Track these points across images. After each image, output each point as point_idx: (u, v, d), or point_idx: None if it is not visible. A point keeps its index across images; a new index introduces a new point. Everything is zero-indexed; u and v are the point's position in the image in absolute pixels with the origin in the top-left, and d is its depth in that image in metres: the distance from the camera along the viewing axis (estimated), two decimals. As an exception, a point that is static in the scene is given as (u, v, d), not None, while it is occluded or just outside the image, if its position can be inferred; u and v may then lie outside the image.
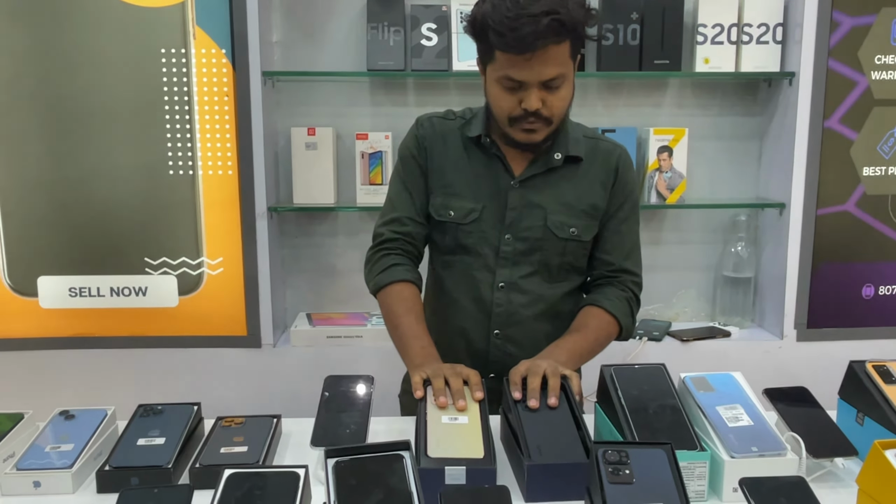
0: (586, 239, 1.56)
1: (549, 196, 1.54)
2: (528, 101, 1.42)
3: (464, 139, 1.58)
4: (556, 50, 1.38)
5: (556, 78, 1.41)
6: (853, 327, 2.41)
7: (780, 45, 2.36)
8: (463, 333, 1.59)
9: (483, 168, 1.56)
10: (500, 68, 1.42)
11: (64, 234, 2.35)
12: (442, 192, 1.57)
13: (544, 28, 1.33)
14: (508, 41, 1.36)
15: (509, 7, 1.35)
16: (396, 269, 1.57)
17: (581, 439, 1.19)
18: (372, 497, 0.91)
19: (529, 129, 1.46)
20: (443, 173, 1.58)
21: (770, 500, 0.95)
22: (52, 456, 1.23)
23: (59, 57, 2.24)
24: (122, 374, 2.31)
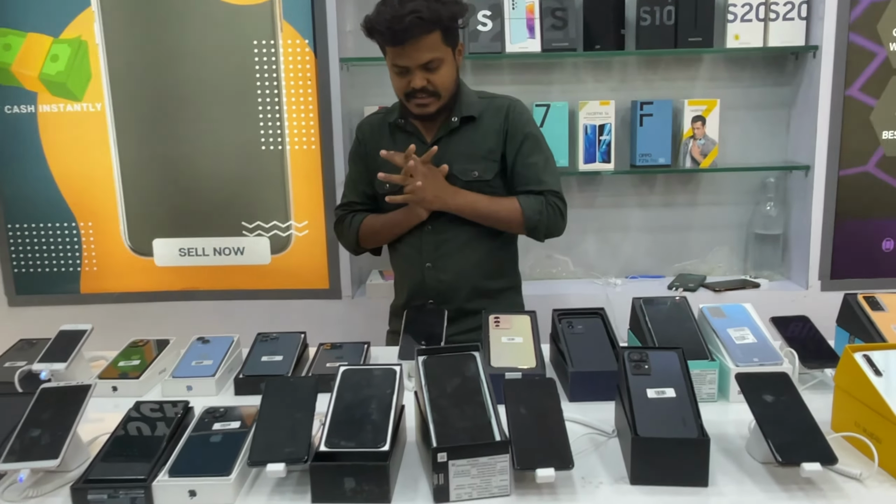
0: (488, 178, 1.87)
1: (453, 151, 1.86)
2: (414, 81, 1.76)
3: (390, 126, 1.93)
4: (427, 39, 1.71)
5: (433, 61, 1.74)
6: (873, 278, 2.57)
7: (805, 20, 2.50)
8: (407, 273, 1.96)
9: (403, 144, 1.86)
10: (389, 58, 1.78)
11: (174, 202, 2.63)
12: (382, 170, 1.86)
13: (408, 24, 1.67)
14: (386, 38, 1.72)
15: (387, 11, 1.69)
16: (357, 217, 1.97)
17: (615, 355, 1.46)
18: (452, 383, 1.20)
19: (421, 103, 1.79)
20: (377, 158, 1.87)
21: (758, 388, 1.21)
22: (198, 368, 1.55)
23: (168, 50, 2.52)
24: (223, 322, 2.61)
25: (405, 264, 1.96)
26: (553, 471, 1.06)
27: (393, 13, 1.68)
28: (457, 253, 1.89)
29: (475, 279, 1.91)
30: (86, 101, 2.56)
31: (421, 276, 1.92)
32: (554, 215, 1.87)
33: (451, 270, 1.90)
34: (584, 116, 2.61)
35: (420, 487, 1.12)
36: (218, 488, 1.09)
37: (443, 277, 1.90)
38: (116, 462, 1.14)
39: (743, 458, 1.19)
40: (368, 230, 1.96)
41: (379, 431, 1.12)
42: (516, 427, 1.12)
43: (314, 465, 1.08)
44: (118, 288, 2.69)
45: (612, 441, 1.24)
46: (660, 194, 2.81)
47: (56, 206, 2.63)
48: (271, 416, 1.17)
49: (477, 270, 1.91)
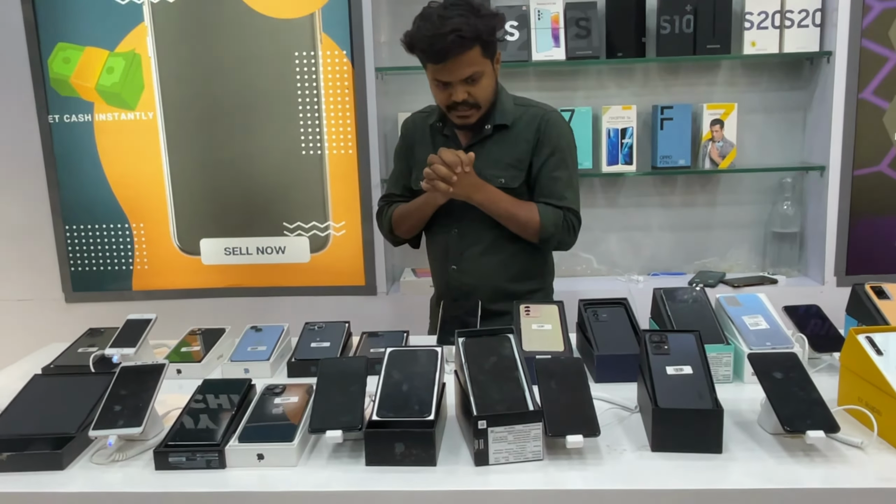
0: (514, 186, 1.91)
1: (484, 157, 1.89)
2: (454, 94, 1.81)
3: (430, 127, 1.99)
4: (468, 55, 1.75)
5: (473, 75, 1.79)
6: (886, 273, 2.62)
7: (819, 27, 2.58)
8: (436, 273, 2.06)
9: (440, 146, 1.90)
10: (431, 73, 1.82)
11: (220, 204, 2.76)
12: (417, 169, 1.98)
13: (449, 43, 1.71)
14: (427, 55, 1.76)
15: (427, 28, 1.73)
16: (392, 206, 2.05)
17: (637, 340, 1.56)
18: (489, 361, 1.32)
19: (463, 115, 1.85)
20: (416, 156, 2.00)
21: (769, 367, 1.31)
22: (253, 353, 1.69)
23: (215, 62, 2.66)
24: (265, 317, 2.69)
25: (434, 264, 2.07)
26: (581, 437, 1.18)
27: (434, 31, 1.71)
28: (480, 256, 1.95)
29: (498, 281, 1.96)
30: (139, 110, 2.70)
31: (446, 277, 2.01)
32: (567, 232, 1.92)
33: (473, 273, 1.97)
34: (607, 120, 2.70)
35: (461, 453, 1.24)
36: (283, 452, 1.22)
37: (466, 280, 1.97)
38: (192, 430, 1.28)
39: (754, 429, 1.29)
40: (398, 216, 2.03)
41: (424, 404, 1.25)
42: (548, 399, 1.24)
43: (368, 431, 1.21)
44: (168, 285, 2.83)
45: (635, 416, 1.36)
46: (680, 194, 2.89)
47: (110, 208, 2.77)
48: (327, 391, 1.30)
49: (500, 273, 1.96)
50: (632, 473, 1.17)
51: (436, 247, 2.04)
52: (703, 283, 2.70)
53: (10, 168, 2.78)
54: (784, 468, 1.17)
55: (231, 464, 1.22)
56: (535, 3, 2.66)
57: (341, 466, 1.21)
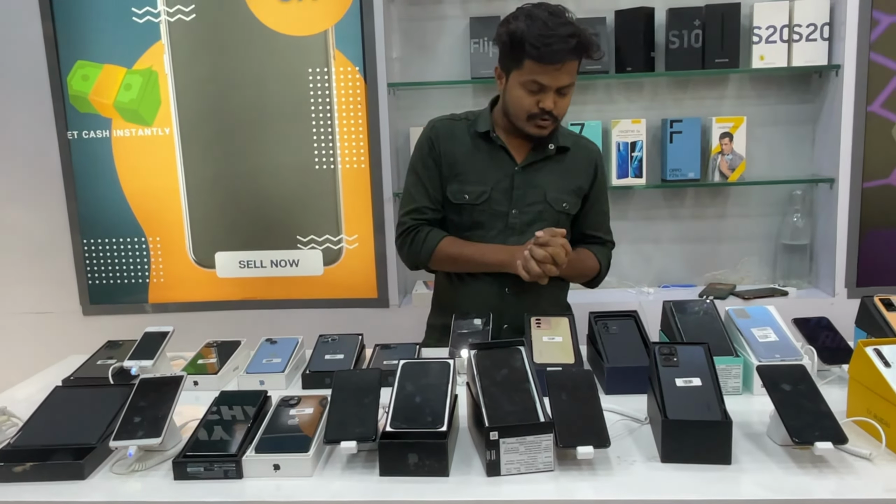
0: (573, 212, 1.94)
1: (547, 178, 1.87)
2: (545, 101, 1.74)
3: (471, 135, 1.89)
4: (574, 64, 1.73)
5: (569, 86, 1.76)
6: None
7: (827, 41, 2.59)
8: (479, 296, 1.90)
9: (489, 157, 1.87)
10: (528, 74, 1.72)
11: (235, 218, 2.79)
12: (456, 180, 1.88)
13: (572, 47, 1.68)
14: (543, 54, 1.68)
15: (541, 27, 1.67)
16: (433, 233, 1.89)
17: (647, 353, 1.56)
18: (500, 373, 1.34)
19: (542, 125, 1.79)
20: (455, 164, 1.87)
21: (777, 378, 1.32)
22: (268, 365, 1.71)
23: (231, 79, 2.70)
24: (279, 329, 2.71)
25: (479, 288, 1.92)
26: (592, 448, 1.19)
27: (551, 31, 1.67)
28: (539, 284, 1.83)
29: (545, 307, 1.92)
30: (155, 126, 2.75)
31: (499, 301, 1.90)
32: (608, 269, 2.04)
33: (526, 298, 1.90)
34: (617, 134, 2.72)
35: (474, 464, 1.26)
36: (298, 462, 1.24)
37: (522, 303, 1.88)
38: (209, 441, 1.30)
39: (764, 441, 1.30)
40: (447, 256, 1.87)
41: (437, 415, 1.27)
42: (558, 411, 1.26)
43: (382, 442, 1.23)
44: (183, 298, 2.86)
45: (645, 427, 1.37)
46: (690, 207, 2.90)
47: (127, 222, 2.81)
48: (342, 402, 1.32)
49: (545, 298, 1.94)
50: (642, 484, 1.18)
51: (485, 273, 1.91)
52: (714, 296, 2.71)
53: (29, 183, 2.83)
54: (793, 479, 1.18)
55: (248, 474, 1.24)
56: (544, 19, 2.68)
57: (355, 477, 1.23)
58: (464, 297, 1.95)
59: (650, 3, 2.68)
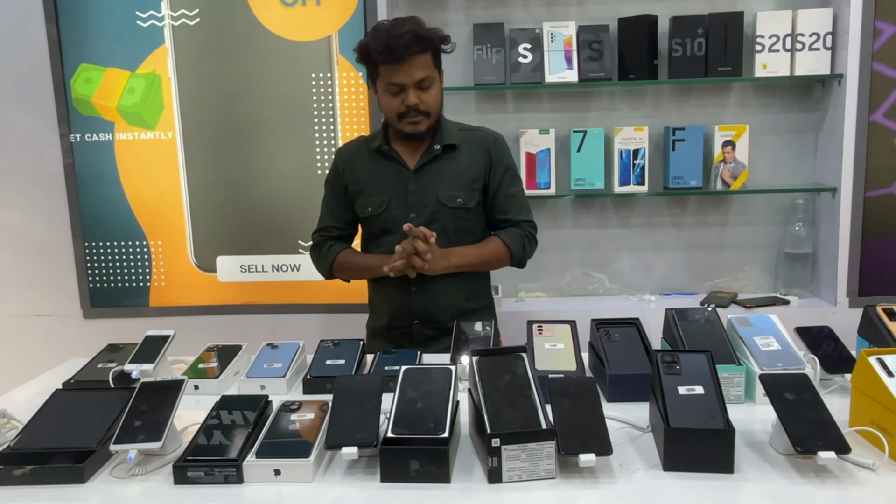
0: (471, 206, 2.00)
1: (438, 178, 1.97)
2: (407, 98, 1.87)
3: (370, 151, 2.02)
4: (421, 58, 1.85)
5: (425, 79, 1.87)
6: None
7: (830, 50, 2.60)
8: (390, 295, 2.04)
9: (385, 169, 1.99)
10: (385, 78, 1.87)
11: (237, 222, 2.80)
12: (361, 196, 2.02)
13: (407, 41, 1.81)
14: (385, 56, 1.83)
15: (382, 34, 1.83)
16: (334, 247, 2.08)
17: (649, 360, 1.55)
18: (503, 380, 1.33)
19: (413, 121, 1.90)
20: (358, 182, 2.02)
21: (780, 387, 1.32)
22: (270, 370, 1.70)
23: (234, 83, 2.70)
24: (280, 334, 2.69)
25: (387, 290, 2.04)
26: (594, 456, 1.19)
27: (389, 34, 1.83)
28: (440, 277, 1.98)
29: (457, 300, 2.03)
30: (158, 130, 2.75)
31: (408, 299, 2.01)
32: (531, 244, 2.06)
33: (436, 293, 2.00)
34: (620, 141, 2.73)
35: (475, 470, 1.26)
36: (299, 468, 1.24)
37: (428, 299, 2.00)
38: (210, 445, 1.29)
39: (766, 450, 1.30)
40: (344, 265, 2.07)
41: (438, 421, 1.26)
42: (560, 418, 1.26)
43: (384, 448, 1.22)
44: (184, 302, 2.86)
45: (647, 435, 1.37)
46: (692, 215, 2.91)
47: (129, 225, 2.81)
48: (343, 408, 1.32)
49: (460, 293, 2.03)
50: (644, 492, 1.18)
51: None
52: (715, 304, 2.69)
53: (31, 185, 2.83)
54: (795, 489, 1.17)
55: (248, 479, 1.24)
56: (548, 25, 2.70)
57: (356, 483, 1.23)
58: (381, 299, 2.09)
59: (653, 11, 2.69)
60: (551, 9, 2.78)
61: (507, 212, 2.04)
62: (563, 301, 2.91)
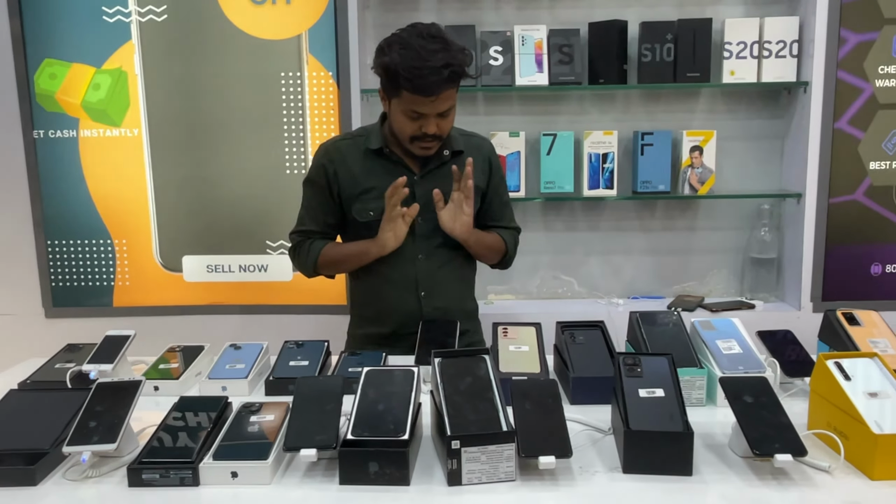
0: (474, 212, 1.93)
1: (445, 183, 1.88)
2: (427, 127, 1.77)
3: (365, 152, 1.90)
4: (451, 90, 1.75)
5: (449, 109, 1.78)
6: (862, 300, 2.66)
7: (796, 58, 2.63)
8: (394, 302, 1.95)
9: (387, 172, 1.87)
10: (406, 104, 1.74)
11: (203, 221, 2.76)
12: (360, 199, 1.90)
13: (445, 78, 1.69)
14: (416, 86, 1.69)
15: (413, 58, 1.67)
16: (316, 243, 1.96)
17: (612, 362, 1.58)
18: (464, 382, 1.33)
19: (426, 146, 1.83)
20: (354, 184, 1.89)
21: (739, 390, 1.33)
22: (232, 371, 1.68)
23: (202, 81, 2.67)
24: (247, 335, 2.67)
25: (393, 294, 1.96)
26: (554, 458, 1.19)
27: (424, 62, 1.67)
28: (447, 281, 1.97)
29: (463, 302, 2.03)
30: (124, 127, 2.71)
31: (417, 305, 1.95)
32: (515, 248, 2.08)
33: (444, 296, 1.96)
34: (589, 145, 2.74)
35: (435, 473, 1.26)
36: (257, 470, 1.23)
37: (436, 304, 1.95)
38: (166, 447, 1.28)
39: (725, 453, 1.31)
40: (328, 260, 1.96)
41: (399, 423, 1.26)
42: (521, 420, 1.26)
43: (343, 450, 1.22)
44: (149, 302, 2.82)
45: (608, 438, 1.38)
46: (660, 219, 2.92)
47: (93, 223, 2.76)
48: (303, 410, 1.31)
49: (465, 293, 2.04)
50: (603, 495, 1.19)
51: (397, 274, 1.94)
52: (682, 308, 2.73)
53: (-7, 182, 2.78)
54: (753, 491, 1.19)
55: (205, 481, 1.23)
56: (519, 29, 2.70)
57: (315, 485, 1.22)
58: (386, 307, 1.98)
59: (624, 16, 2.71)
60: (522, 12, 2.79)
61: (499, 219, 2.04)
62: (531, 304, 2.91)
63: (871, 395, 1.31)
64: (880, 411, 1.27)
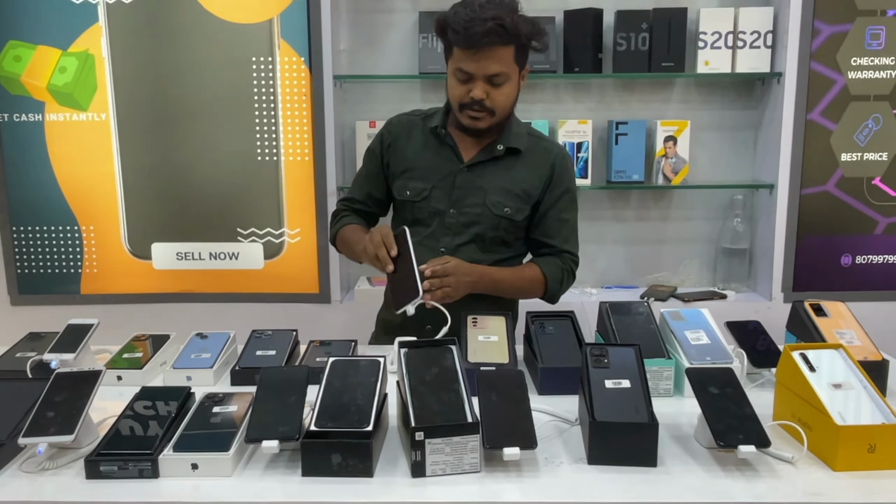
0: (517, 219, 1.82)
1: (490, 180, 1.79)
2: (475, 90, 1.68)
3: (425, 131, 1.85)
4: (501, 51, 1.65)
5: (499, 75, 1.68)
6: (833, 290, 2.69)
7: (770, 49, 2.63)
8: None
9: (437, 155, 1.81)
10: (455, 62, 1.70)
11: (173, 208, 2.73)
12: (403, 176, 1.84)
13: (488, 29, 1.61)
14: (461, 37, 1.64)
15: (467, 13, 1.63)
16: (346, 218, 1.92)
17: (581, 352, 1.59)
18: (430, 373, 1.31)
19: (475, 116, 1.72)
20: (404, 160, 1.84)
21: (705, 381, 1.33)
22: (197, 361, 1.66)
23: (171, 65, 2.63)
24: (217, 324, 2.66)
25: None
26: (518, 450, 1.18)
27: (473, 15, 1.62)
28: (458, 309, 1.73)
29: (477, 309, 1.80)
30: (91, 111, 2.66)
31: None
32: (569, 280, 1.88)
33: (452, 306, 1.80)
34: (564, 134, 2.72)
35: (400, 464, 1.24)
36: (217, 462, 1.20)
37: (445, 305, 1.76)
38: (125, 438, 1.25)
39: (690, 444, 1.31)
40: (342, 240, 1.90)
41: (363, 414, 1.24)
42: (487, 412, 1.25)
43: (305, 441, 1.20)
44: (117, 289, 2.78)
45: (574, 429, 1.37)
46: (634, 209, 2.92)
47: (59, 209, 2.72)
48: (266, 400, 1.28)
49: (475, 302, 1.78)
50: (567, 486, 1.18)
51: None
52: (655, 297, 2.73)
53: (-45, 166, 2.71)
54: (716, 482, 1.18)
55: (164, 473, 1.20)
56: (494, 16, 2.67)
57: (277, 477, 1.20)
58: None
59: (599, 4, 2.69)
60: (498, -1, 2.75)
61: (552, 237, 1.85)
62: (505, 293, 2.89)
63: (836, 386, 1.31)
64: (844, 403, 1.27)
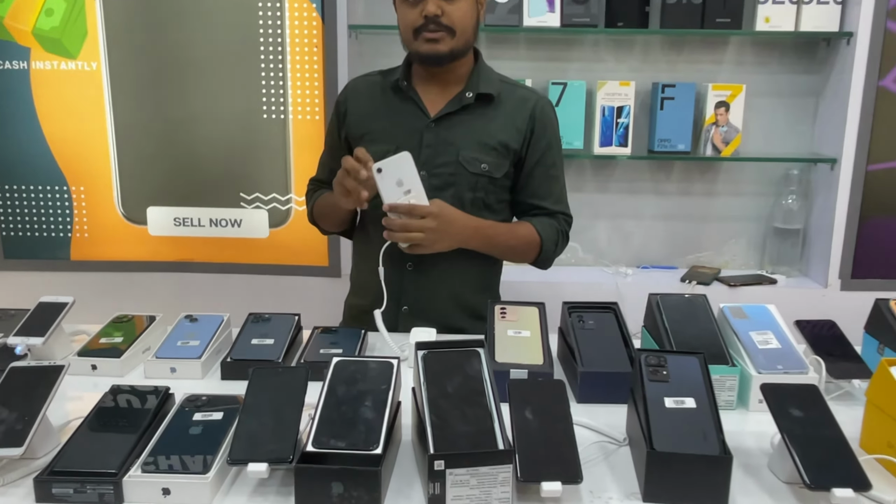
0: (497, 176, 1.66)
1: (462, 133, 1.64)
2: (426, 7, 1.54)
3: (385, 88, 1.70)
4: None
5: None
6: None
7: (840, 5, 2.43)
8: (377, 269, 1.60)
9: (399, 112, 1.66)
10: None
11: (170, 169, 2.60)
12: (363, 140, 1.66)
13: None
14: None
15: None
16: (319, 191, 1.80)
17: (628, 355, 1.38)
18: (453, 382, 1.11)
19: (432, 37, 1.56)
20: (362, 123, 1.70)
21: (785, 401, 1.12)
22: (184, 349, 1.47)
23: (169, 9, 2.46)
24: (217, 296, 2.56)
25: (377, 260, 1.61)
26: (560, 485, 0.99)
27: None
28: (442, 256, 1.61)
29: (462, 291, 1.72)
30: (81, 60, 2.50)
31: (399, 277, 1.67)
32: (563, 242, 1.77)
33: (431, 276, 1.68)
34: (602, 97, 2.55)
35: (414, 495, 1.04)
36: (194, 487, 1.01)
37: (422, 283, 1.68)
38: (86, 452, 1.06)
39: (764, 475, 1.11)
40: (318, 211, 1.79)
41: (372, 431, 1.04)
42: (521, 434, 1.05)
43: (299, 466, 1.00)
44: (110, 256, 2.66)
45: (623, 449, 1.17)
46: (677, 182, 2.75)
47: (47, 168, 2.59)
48: (256, 410, 1.09)
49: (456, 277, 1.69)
50: (619, 532, 0.98)
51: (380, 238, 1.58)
52: (697, 280, 2.59)
53: (-65, 118, 2.57)
54: (803, 532, 0.98)
55: (130, 498, 1.01)
56: (529, -38, 2.48)
57: (265, 508, 1.01)
58: (368, 273, 1.68)
59: (649, -49, 2.49)
60: (534, -57, 2.53)
61: (544, 198, 1.71)
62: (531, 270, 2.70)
63: (949, 413, 1.09)
64: (960, 435, 1.05)
